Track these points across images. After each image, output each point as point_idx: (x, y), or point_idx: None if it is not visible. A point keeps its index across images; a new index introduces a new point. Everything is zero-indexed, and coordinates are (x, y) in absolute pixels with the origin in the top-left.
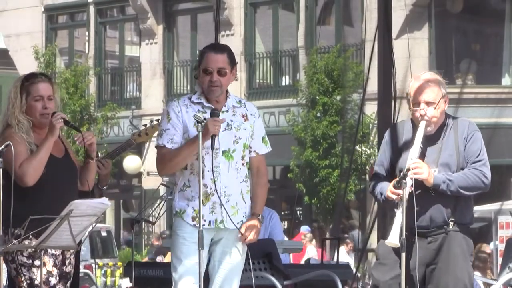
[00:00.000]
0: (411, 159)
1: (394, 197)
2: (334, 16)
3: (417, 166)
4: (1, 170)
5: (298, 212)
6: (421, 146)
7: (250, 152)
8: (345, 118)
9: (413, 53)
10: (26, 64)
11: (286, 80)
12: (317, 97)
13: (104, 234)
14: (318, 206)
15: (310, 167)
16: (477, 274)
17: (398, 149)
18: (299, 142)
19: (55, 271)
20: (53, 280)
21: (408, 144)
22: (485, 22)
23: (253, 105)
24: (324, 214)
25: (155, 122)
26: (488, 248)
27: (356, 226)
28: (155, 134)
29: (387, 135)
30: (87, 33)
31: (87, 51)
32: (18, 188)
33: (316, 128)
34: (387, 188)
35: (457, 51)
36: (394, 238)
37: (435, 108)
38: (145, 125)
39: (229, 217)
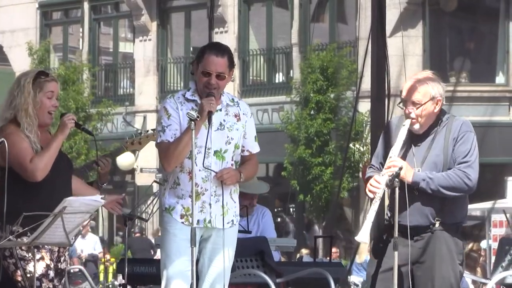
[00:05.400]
0: (390, 157)
1: (370, 195)
2: (328, 14)
3: (394, 165)
4: None
5: (291, 209)
6: (412, 145)
7: (243, 151)
8: (338, 116)
9: (407, 51)
10: (20, 60)
11: (279, 78)
12: (311, 95)
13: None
14: (311, 203)
15: (304, 165)
16: (466, 272)
17: (390, 144)
18: (293, 140)
19: (52, 265)
20: (51, 273)
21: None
22: (479, 20)
23: (246, 104)
24: (317, 212)
25: (150, 132)
26: (479, 247)
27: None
28: (149, 144)
29: (385, 129)
30: (81, 29)
31: (81, 48)
32: (18, 185)
33: (309, 125)
34: None
35: (451, 49)
36: (363, 236)
37: (417, 108)
38: (140, 133)
39: (223, 217)
